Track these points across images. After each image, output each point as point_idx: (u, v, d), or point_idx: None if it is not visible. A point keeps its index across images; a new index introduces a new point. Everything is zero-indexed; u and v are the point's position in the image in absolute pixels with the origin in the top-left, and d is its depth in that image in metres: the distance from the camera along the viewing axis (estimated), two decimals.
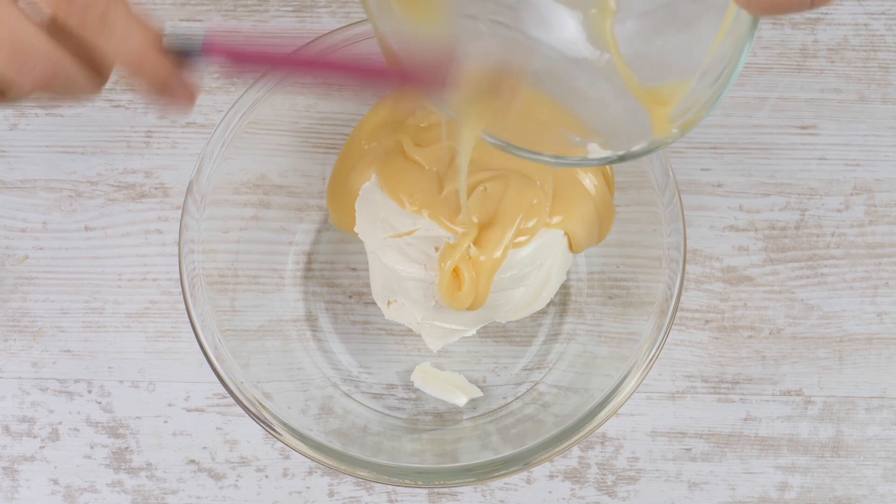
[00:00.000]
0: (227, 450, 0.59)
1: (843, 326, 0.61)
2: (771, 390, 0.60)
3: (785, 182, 0.62)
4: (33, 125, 0.63)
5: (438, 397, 0.60)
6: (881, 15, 0.64)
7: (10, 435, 0.59)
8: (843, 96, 0.63)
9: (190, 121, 0.63)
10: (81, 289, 0.61)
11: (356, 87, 0.42)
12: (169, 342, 0.60)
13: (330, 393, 0.58)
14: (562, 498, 0.59)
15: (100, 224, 0.62)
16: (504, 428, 0.57)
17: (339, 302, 0.61)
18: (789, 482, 0.59)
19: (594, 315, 0.59)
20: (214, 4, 0.64)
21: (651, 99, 0.40)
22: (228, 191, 0.57)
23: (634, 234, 0.57)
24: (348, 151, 0.57)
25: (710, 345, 0.60)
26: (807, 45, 0.64)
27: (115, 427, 0.59)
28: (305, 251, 0.61)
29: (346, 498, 0.59)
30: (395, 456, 0.53)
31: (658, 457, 0.59)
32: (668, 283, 0.52)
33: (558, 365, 0.59)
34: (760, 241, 0.61)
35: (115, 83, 0.63)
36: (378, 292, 0.56)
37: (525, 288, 0.53)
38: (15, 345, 0.61)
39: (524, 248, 0.52)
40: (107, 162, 0.62)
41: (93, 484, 0.59)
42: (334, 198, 0.58)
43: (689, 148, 0.63)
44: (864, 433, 0.59)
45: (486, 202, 0.52)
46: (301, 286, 0.61)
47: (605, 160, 0.40)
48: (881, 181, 0.62)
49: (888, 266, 0.61)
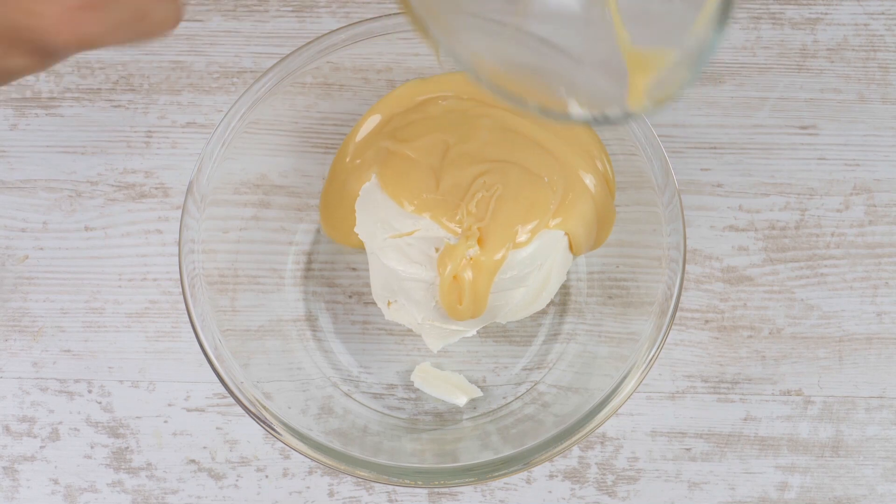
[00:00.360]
0: (227, 450, 0.59)
1: (843, 326, 0.61)
2: (771, 390, 0.60)
3: (785, 182, 0.62)
4: (33, 125, 0.63)
5: (438, 397, 0.60)
6: (881, 15, 0.64)
7: (10, 435, 0.59)
8: (843, 96, 0.63)
9: (190, 121, 0.63)
10: (81, 289, 0.61)
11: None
12: (169, 342, 0.60)
13: (330, 393, 0.58)
14: (562, 498, 0.59)
15: (100, 224, 0.62)
16: (504, 428, 0.57)
17: (339, 302, 0.61)
18: (789, 482, 0.59)
19: (594, 315, 0.59)
20: (214, 4, 0.64)
21: (635, 63, 0.40)
22: (228, 191, 0.57)
23: (634, 234, 0.57)
24: (338, 166, 0.57)
25: (709, 345, 0.60)
26: (807, 45, 0.64)
27: (115, 427, 0.59)
28: (305, 251, 0.61)
29: (346, 498, 0.59)
30: (395, 456, 0.53)
31: (658, 457, 0.59)
32: (667, 283, 0.52)
33: (558, 365, 0.59)
34: (760, 241, 0.61)
35: (115, 83, 0.63)
36: (378, 293, 0.56)
37: (525, 288, 0.53)
38: (15, 345, 0.61)
39: (525, 248, 0.52)
40: (107, 162, 0.62)
41: (93, 484, 0.59)
42: (328, 210, 0.58)
43: (689, 148, 0.63)
44: (863, 433, 0.59)
45: (486, 199, 0.52)
46: (301, 286, 0.61)
47: (583, 118, 0.39)
48: (881, 181, 0.62)
49: (888, 266, 0.61)
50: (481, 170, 0.52)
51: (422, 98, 0.56)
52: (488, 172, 0.52)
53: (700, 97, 0.63)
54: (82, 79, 0.63)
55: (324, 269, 0.61)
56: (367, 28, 0.56)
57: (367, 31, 0.56)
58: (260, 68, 0.63)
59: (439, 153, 0.53)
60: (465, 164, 0.52)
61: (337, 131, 0.60)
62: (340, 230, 0.58)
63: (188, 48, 0.64)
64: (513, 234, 0.51)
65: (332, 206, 0.57)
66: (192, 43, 0.64)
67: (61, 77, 0.63)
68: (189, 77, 0.63)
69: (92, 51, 0.37)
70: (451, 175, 0.52)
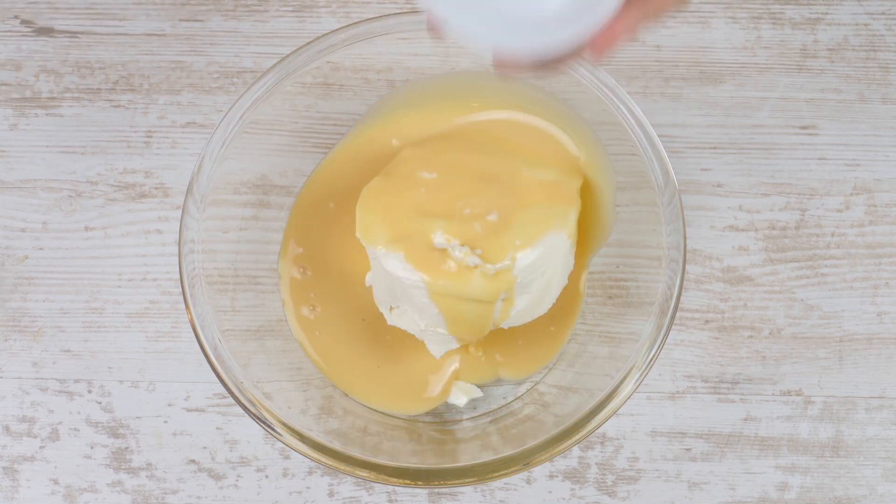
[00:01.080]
0: (227, 450, 0.59)
1: (843, 326, 0.61)
2: (771, 390, 0.60)
3: (785, 182, 0.62)
4: (33, 125, 0.63)
5: None
6: (881, 15, 0.64)
7: (10, 435, 0.59)
8: (843, 96, 0.63)
9: (190, 121, 0.63)
10: (81, 289, 0.61)
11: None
12: (169, 342, 0.60)
13: (329, 393, 0.58)
14: (562, 498, 0.59)
15: (100, 224, 0.62)
16: (504, 428, 0.57)
17: None
18: (789, 482, 0.59)
19: (594, 315, 0.59)
20: (214, 4, 0.64)
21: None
22: (228, 191, 0.57)
23: (634, 234, 0.57)
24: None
25: (710, 345, 0.60)
26: (807, 45, 0.64)
27: (115, 427, 0.59)
28: None
29: (346, 498, 0.59)
30: (395, 456, 0.53)
31: (658, 457, 0.59)
32: (667, 283, 0.52)
33: (558, 365, 0.59)
34: (760, 241, 0.61)
35: (115, 83, 0.63)
36: (381, 298, 0.56)
37: (528, 295, 0.53)
38: (15, 345, 0.61)
39: (528, 255, 0.51)
40: (107, 162, 0.62)
41: (93, 484, 0.59)
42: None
43: (689, 148, 0.63)
44: (863, 433, 0.59)
45: (477, 226, 0.52)
46: None
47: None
48: (881, 181, 0.62)
49: (888, 266, 0.61)
50: (467, 199, 0.53)
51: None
52: (472, 197, 0.53)
53: (700, 97, 0.63)
54: (82, 79, 0.63)
55: None
56: (367, 28, 0.56)
57: (367, 31, 0.56)
58: (260, 68, 0.63)
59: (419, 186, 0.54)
60: (455, 190, 0.54)
61: (337, 131, 0.60)
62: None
63: (188, 48, 0.64)
64: (515, 246, 0.52)
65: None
66: (192, 43, 0.64)
67: (61, 77, 0.63)
68: (189, 77, 0.63)
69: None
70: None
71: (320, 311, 0.58)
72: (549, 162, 0.55)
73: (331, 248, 0.59)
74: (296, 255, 0.59)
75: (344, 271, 0.59)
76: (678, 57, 0.63)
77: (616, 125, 0.54)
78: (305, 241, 0.59)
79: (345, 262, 0.59)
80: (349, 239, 0.57)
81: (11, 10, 0.64)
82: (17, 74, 0.63)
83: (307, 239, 0.59)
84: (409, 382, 0.58)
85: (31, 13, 0.64)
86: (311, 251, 0.59)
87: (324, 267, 0.59)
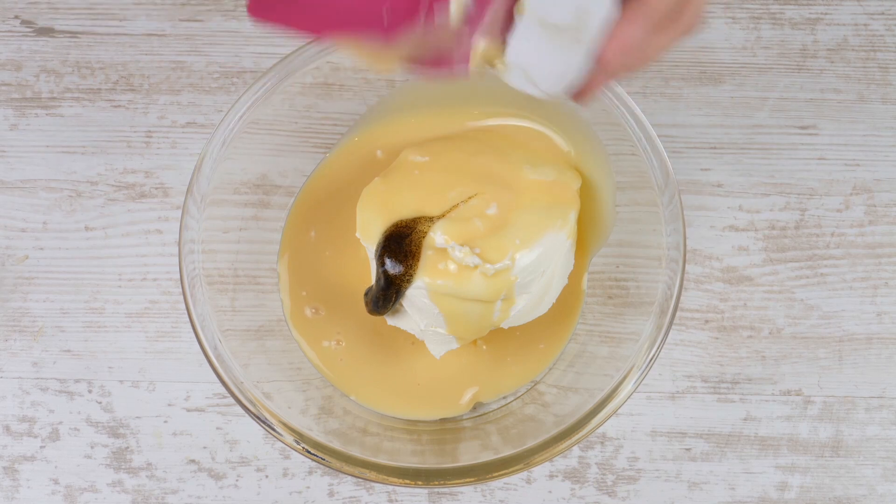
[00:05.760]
0: (227, 450, 0.59)
1: (843, 326, 0.61)
2: (771, 390, 0.60)
3: (785, 182, 0.62)
4: (33, 125, 0.63)
5: None
6: (881, 15, 0.64)
7: (10, 435, 0.59)
8: (842, 96, 0.63)
9: (190, 121, 0.63)
10: (81, 289, 0.61)
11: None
12: (169, 342, 0.60)
13: (329, 393, 0.58)
14: (562, 498, 0.59)
15: (100, 224, 0.62)
16: (504, 428, 0.57)
17: None
18: (789, 482, 0.59)
19: (594, 315, 0.59)
20: (214, 4, 0.64)
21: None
22: (228, 191, 0.57)
23: (634, 234, 0.57)
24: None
25: (709, 345, 0.60)
26: (807, 45, 0.64)
27: (115, 427, 0.59)
28: None
29: (346, 498, 0.59)
30: (395, 456, 0.53)
31: (658, 457, 0.59)
32: (667, 283, 0.52)
33: (558, 365, 0.59)
34: (760, 241, 0.61)
35: (115, 83, 0.63)
36: None
37: (529, 295, 0.53)
38: (15, 345, 0.61)
39: (528, 255, 0.52)
40: (107, 162, 0.62)
41: (93, 484, 0.59)
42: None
43: (689, 148, 0.63)
44: (863, 433, 0.59)
45: (477, 224, 0.52)
46: None
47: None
48: (881, 181, 0.62)
49: (888, 266, 0.61)
50: (465, 195, 0.53)
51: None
52: (474, 196, 0.53)
53: (700, 97, 0.63)
54: (82, 79, 0.63)
55: None
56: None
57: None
58: (260, 68, 0.63)
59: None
60: (451, 185, 0.54)
61: (337, 131, 0.60)
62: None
63: (188, 48, 0.64)
64: (514, 246, 0.52)
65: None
66: (192, 43, 0.64)
67: (61, 77, 0.63)
68: (189, 77, 0.63)
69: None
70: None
71: (323, 313, 0.58)
72: (548, 162, 0.56)
73: (331, 248, 0.59)
74: (296, 255, 0.59)
75: (344, 272, 0.59)
76: (678, 57, 0.63)
77: (616, 125, 0.54)
78: (306, 241, 0.59)
79: (345, 263, 0.59)
80: (349, 239, 0.57)
81: (11, 10, 0.64)
82: (17, 74, 0.63)
83: (307, 239, 0.59)
84: (409, 383, 0.58)
85: (32, 13, 0.64)
86: (311, 251, 0.59)
87: (324, 267, 0.59)
